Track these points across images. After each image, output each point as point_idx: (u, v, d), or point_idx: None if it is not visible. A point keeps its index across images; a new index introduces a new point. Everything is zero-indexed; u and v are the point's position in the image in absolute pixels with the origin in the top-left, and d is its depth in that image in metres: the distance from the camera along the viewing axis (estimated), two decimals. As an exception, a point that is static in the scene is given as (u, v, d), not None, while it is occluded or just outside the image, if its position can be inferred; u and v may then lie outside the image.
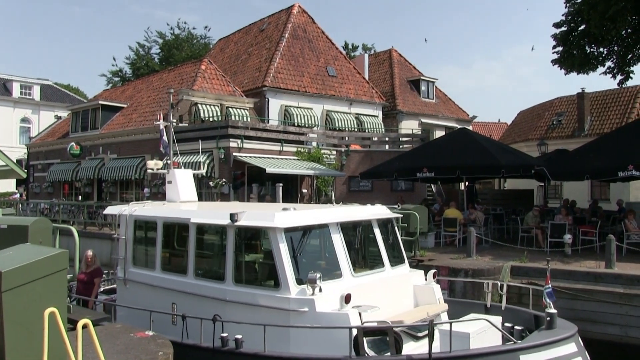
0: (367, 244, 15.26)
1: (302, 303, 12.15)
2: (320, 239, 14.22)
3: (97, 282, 17.88)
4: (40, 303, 6.98)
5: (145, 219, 16.53)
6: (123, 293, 16.49)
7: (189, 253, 14.57)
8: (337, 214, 14.11)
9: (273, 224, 12.68)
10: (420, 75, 59.85)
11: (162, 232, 15.65)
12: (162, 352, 8.81)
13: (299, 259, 13.19)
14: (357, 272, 13.69)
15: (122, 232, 16.61)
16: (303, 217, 13.62)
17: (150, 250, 16.29)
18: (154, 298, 15.14)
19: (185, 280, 14.50)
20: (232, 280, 13.39)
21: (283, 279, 12.46)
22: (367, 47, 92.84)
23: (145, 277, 15.74)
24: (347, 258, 13.51)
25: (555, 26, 32.00)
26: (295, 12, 52.74)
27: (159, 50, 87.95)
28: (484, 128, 73.57)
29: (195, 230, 14.58)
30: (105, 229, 36.35)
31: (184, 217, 15.21)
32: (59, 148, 51.14)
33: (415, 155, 30.55)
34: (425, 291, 14.95)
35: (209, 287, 13.85)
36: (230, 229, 13.46)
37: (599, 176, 26.33)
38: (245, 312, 12.79)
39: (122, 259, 16.47)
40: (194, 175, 19.01)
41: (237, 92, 43.61)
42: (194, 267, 14.50)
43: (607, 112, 46.38)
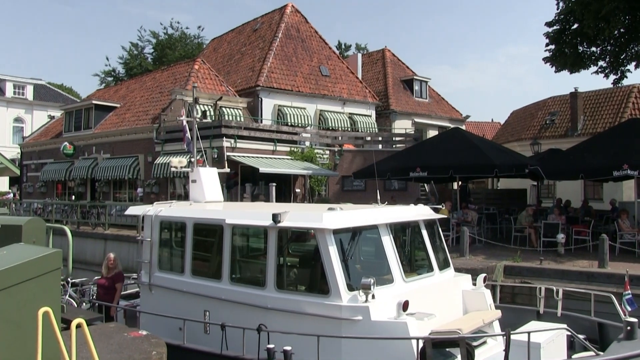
0: (415, 246, 14.42)
1: (356, 311, 11.18)
2: (368, 242, 13.23)
3: (119, 288, 17.31)
4: (34, 303, 6.97)
5: (172, 220, 15.68)
6: (148, 299, 15.60)
7: (224, 257, 13.53)
8: (385, 214, 13.15)
9: (321, 224, 11.73)
10: (414, 74, 59.97)
11: (192, 234, 14.59)
12: (156, 351, 8.80)
13: (348, 262, 12.15)
14: (407, 277, 12.69)
15: (147, 234, 15.71)
16: (352, 217, 12.58)
17: (179, 253, 15.38)
18: (183, 305, 14.25)
19: (219, 286, 13.48)
20: (273, 286, 12.36)
21: (333, 284, 11.50)
22: (361, 46, 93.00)
23: (173, 282, 14.78)
24: (397, 262, 12.53)
25: (548, 25, 32.05)
26: (289, 11, 52.81)
27: (152, 50, 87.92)
28: (477, 128, 73.72)
29: (231, 232, 13.58)
30: (98, 229, 36.36)
31: (218, 218, 14.16)
32: (52, 148, 51.06)
33: (409, 154, 30.53)
34: (476, 296, 14.14)
35: (247, 294, 12.82)
36: (272, 230, 12.46)
37: (594, 175, 26.35)
38: (289, 321, 11.82)
39: (146, 263, 15.55)
40: None
41: (230, 91, 43.60)
42: (229, 272, 13.48)
43: (600, 111, 46.41)
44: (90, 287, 19.64)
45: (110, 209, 37.89)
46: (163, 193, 38.02)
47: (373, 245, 13.13)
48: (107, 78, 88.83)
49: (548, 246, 23.01)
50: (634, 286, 17.20)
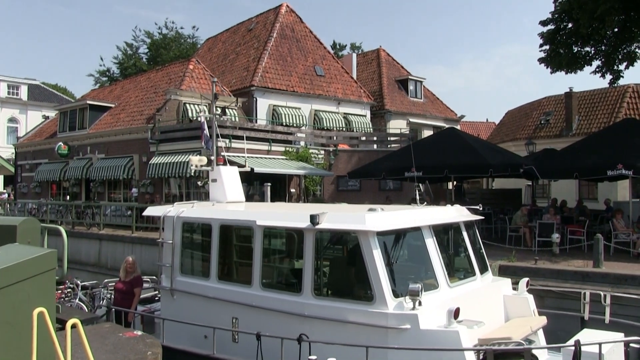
0: (456, 249, 13.61)
1: (403, 319, 10.55)
2: (411, 245, 12.49)
3: (138, 293, 16.67)
4: (28, 303, 6.96)
5: (196, 222, 15.03)
6: (169, 304, 14.94)
7: (255, 260, 12.83)
8: (428, 215, 12.59)
9: (364, 227, 11.06)
10: (408, 74, 60.01)
11: (218, 237, 13.91)
12: (151, 351, 8.80)
13: (393, 267, 11.41)
14: (452, 282, 12.07)
15: (168, 236, 15.05)
16: (396, 219, 11.94)
17: (203, 256, 14.75)
18: (209, 311, 13.62)
19: (250, 292, 12.78)
20: (310, 292, 11.70)
21: (378, 290, 10.82)
22: (355, 46, 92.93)
23: (198, 287, 14.11)
24: (442, 266, 11.87)
25: (542, 24, 32.07)
26: (284, 11, 52.83)
27: (147, 50, 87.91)
28: (472, 127, 73.89)
29: (262, 234, 12.90)
30: (93, 229, 36.33)
31: (248, 219, 13.43)
32: (47, 148, 50.98)
33: (403, 154, 30.54)
34: (518, 302, 13.48)
35: (281, 300, 12.15)
36: (310, 233, 11.79)
37: (588, 175, 26.40)
38: (329, 330, 11.22)
39: (168, 267, 14.91)
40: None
41: (225, 91, 43.56)
42: (260, 277, 12.75)
43: (594, 111, 46.55)
44: (101, 290, 19.21)
45: (105, 209, 37.87)
46: (158, 193, 38.00)
47: (415, 249, 12.45)
48: (101, 78, 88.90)
49: (543, 246, 23.06)
50: (630, 286, 17.29)
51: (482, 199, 37.06)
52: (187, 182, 36.69)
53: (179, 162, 34.95)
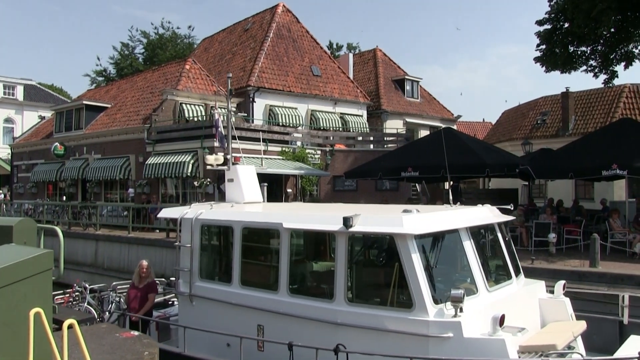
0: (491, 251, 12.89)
1: (446, 327, 9.87)
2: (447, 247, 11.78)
3: (152, 299, 15.95)
4: (25, 303, 6.95)
5: (216, 224, 14.29)
6: (188, 311, 14.16)
7: (282, 265, 12.09)
8: (464, 216, 11.92)
9: (402, 229, 10.37)
10: (405, 74, 60.10)
11: (241, 239, 13.12)
12: (148, 352, 8.78)
13: (432, 272, 10.81)
14: (490, 286, 11.42)
15: (186, 239, 14.25)
16: (434, 221, 11.22)
17: (224, 260, 14.21)
18: (231, 318, 12.90)
19: (276, 298, 12.05)
20: (344, 298, 11.01)
21: (417, 297, 10.16)
22: (352, 46, 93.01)
23: (219, 293, 13.34)
24: (480, 270, 11.21)
25: (538, 23, 32.07)
26: (280, 11, 52.84)
27: (143, 50, 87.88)
28: (469, 127, 73.85)
29: (289, 237, 12.13)
30: (90, 230, 36.32)
31: (273, 221, 12.62)
32: (43, 148, 50.99)
33: (400, 154, 30.58)
34: (555, 306, 12.71)
35: (311, 307, 11.45)
36: (342, 236, 11.09)
37: (583, 175, 26.46)
38: (364, 339, 10.56)
39: (186, 271, 14.08)
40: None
41: (221, 91, 43.54)
42: (287, 282, 12.00)
43: (591, 111, 46.56)
44: (109, 293, 18.69)
45: (102, 210, 37.85)
46: (154, 193, 38.01)
47: (453, 252, 11.81)
48: (97, 78, 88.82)
49: (539, 246, 23.08)
50: (625, 286, 17.29)
51: (478, 198, 37.08)
52: (184, 182, 36.72)
53: (175, 163, 34.98)
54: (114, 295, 18.51)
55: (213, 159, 17.06)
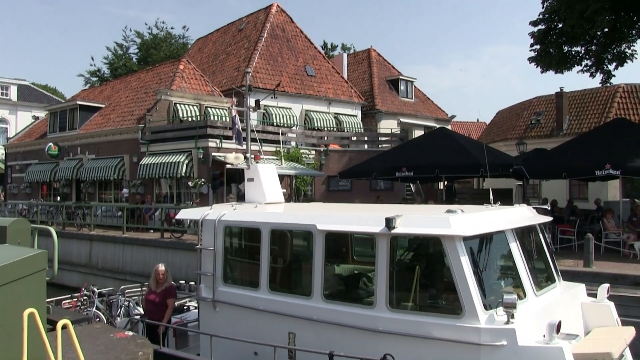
0: (535, 253, 12.11)
1: (498, 334, 9.23)
2: (494, 250, 11.00)
3: (171, 304, 15.15)
4: (19, 304, 6.94)
5: (242, 225, 13.57)
6: (210, 318, 13.46)
7: (315, 269, 11.42)
8: (508, 216, 11.37)
9: (449, 231, 9.74)
10: (399, 74, 60.13)
11: (269, 242, 12.46)
12: (142, 352, 8.78)
13: (481, 276, 10.12)
14: (537, 291, 10.76)
15: (208, 242, 13.56)
16: (482, 222, 10.55)
17: (250, 264, 13.42)
18: (259, 325, 12.31)
19: (309, 304, 11.37)
20: (385, 304, 10.31)
21: (467, 302, 9.52)
22: (346, 46, 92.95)
23: (245, 298, 12.63)
24: (528, 273, 10.58)
25: (533, 24, 32.12)
26: (274, 11, 52.85)
27: (137, 50, 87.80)
28: (463, 127, 73.98)
29: (324, 239, 11.45)
30: (84, 230, 36.28)
31: (306, 222, 11.96)
32: (37, 149, 50.87)
33: (394, 154, 30.59)
34: (599, 310, 12.04)
35: (349, 314, 10.77)
36: (383, 238, 10.43)
37: (577, 175, 26.51)
38: (408, 347, 9.95)
39: (208, 276, 13.40)
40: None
41: (215, 91, 43.53)
42: (321, 287, 11.30)
43: (585, 111, 46.64)
44: (118, 297, 18.28)
45: (96, 210, 37.79)
46: (149, 193, 37.97)
47: (499, 254, 11.19)
48: (91, 78, 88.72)
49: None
50: (620, 285, 17.31)
51: (473, 198, 37.16)
52: (178, 182, 36.69)
53: (169, 163, 34.95)
54: (123, 300, 18.15)
55: (234, 158, 16.79)
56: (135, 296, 18.78)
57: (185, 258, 27.62)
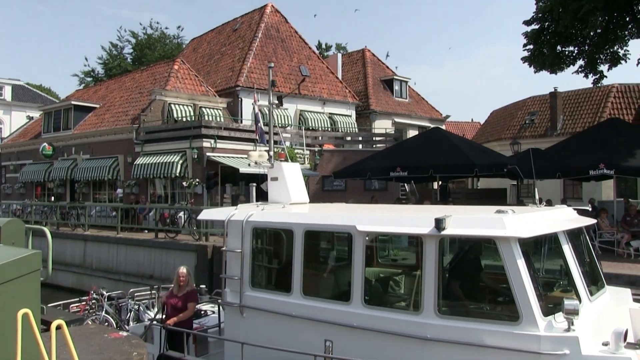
0: (584, 256, 11.12)
1: (560, 343, 8.57)
2: (547, 253, 10.48)
3: (192, 308, 14.31)
4: (13, 304, 6.92)
5: (272, 227, 12.78)
6: (237, 324, 12.67)
7: (354, 273, 10.69)
8: (559, 217, 10.75)
9: (505, 232, 9.09)
10: (394, 74, 60.14)
11: (302, 244, 11.68)
12: (137, 352, 8.77)
13: (537, 280, 9.63)
14: (591, 296, 10.05)
15: (235, 244, 12.78)
16: (535, 222, 9.82)
17: (281, 267, 12.76)
18: (291, 332, 11.57)
19: (348, 310, 10.64)
20: (433, 310, 9.60)
21: (525, 308, 8.84)
22: (341, 46, 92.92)
23: (276, 303, 11.90)
24: (581, 277, 9.87)
25: (526, 23, 32.15)
26: (268, 11, 52.79)
27: (132, 50, 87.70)
28: (457, 127, 73.96)
29: (364, 241, 10.75)
30: (78, 230, 36.23)
31: (345, 223, 11.29)
32: (31, 149, 50.87)
33: (389, 154, 30.59)
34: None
35: (394, 320, 10.06)
36: (432, 239, 9.76)
37: (571, 174, 26.55)
38: (459, 356, 9.34)
39: (236, 280, 12.58)
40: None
41: (210, 92, 43.54)
42: (362, 292, 10.58)
43: (579, 111, 46.72)
44: (128, 301, 17.85)
45: (90, 210, 37.76)
46: (143, 194, 37.96)
47: (551, 257, 10.54)
48: (86, 78, 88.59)
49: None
50: (614, 285, 17.32)
51: (467, 198, 37.22)
52: (172, 182, 36.69)
53: (164, 163, 34.95)
54: (132, 303, 17.79)
55: (257, 156, 15.14)
56: (145, 299, 18.33)
57: (179, 258, 27.58)
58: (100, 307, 17.66)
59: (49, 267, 10.73)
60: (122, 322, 17.31)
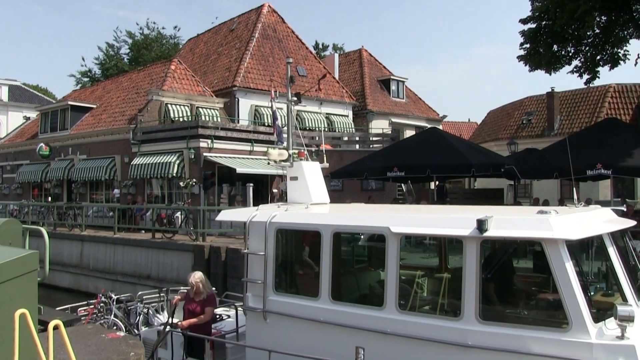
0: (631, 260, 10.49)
1: (615, 351, 8.07)
2: (592, 255, 10.09)
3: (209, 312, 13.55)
4: (10, 304, 6.91)
5: (297, 228, 12.16)
6: (260, 330, 12.13)
7: (388, 276, 10.16)
8: (602, 218, 10.24)
9: (552, 234, 8.57)
10: (390, 74, 60.17)
11: (331, 247, 11.08)
12: (134, 352, 8.75)
13: (586, 284, 9.14)
14: (638, 300, 9.17)
15: (257, 246, 12.24)
16: (581, 224, 9.30)
17: (308, 271, 12.22)
18: (319, 338, 11.02)
19: (381, 315, 10.07)
20: (475, 315, 9.06)
21: (574, 313, 8.36)
22: (338, 46, 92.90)
23: (302, 308, 11.32)
24: (627, 281, 9.13)
25: (523, 22, 32.11)
26: (265, 11, 52.78)
27: (129, 50, 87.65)
28: (454, 127, 74.03)
29: (399, 243, 10.20)
30: (75, 230, 36.22)
31: (376, 225, 10.84)
32: (28, 149, 50.82)
33: (386, 154, 30.55)
34: None
35: (432, 327, 9.50)
36: (473, 242, 9.24)
37: (568, 174, 26.52)
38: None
39: (259, 284, 12.01)
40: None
41: (207, 92, 43.53)
42: (396, 297, 10.03)
43: (576, 111, 46.78)
44: (137, 305, 17.35)
45: (87, 210, 37.75)
46: (140, 194, 37.96)
47: (595, 260, 10.13)
48: (83, 79, 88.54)
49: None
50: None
51: (464, 198, 37.21)
52: (169, 182, 36.69)
53: (161, 163, 34.95)
54: (141, 307, 17.27)
55: (277, 154, 14.35)
56: (154, 302, 17.83)
57: (176, 258, 27.63)
58: (109, 311, 17.23)
59: (46, 267, 10.71)
60: (131, 325, 16.88)
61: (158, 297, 18.10)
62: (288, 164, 14.30)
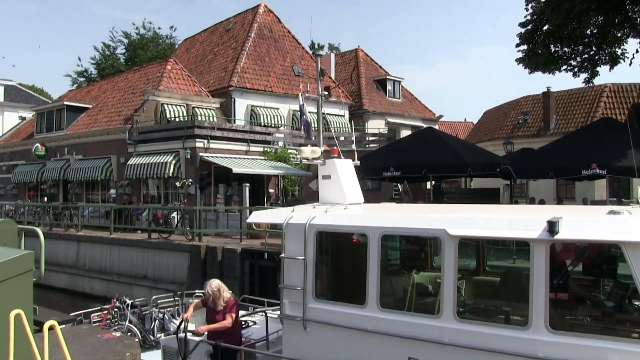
0: None
1: None
2: None
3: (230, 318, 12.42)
4: (5, 305, 6.90)
5: (340, 231, 11.31)
6: (299, 340, 11.20)
7: (445, 283, 9.34)
8: None
9: (632, 236, 7.83)
10: (387, 74, 60.12)
11: (379, 251, 10.18)
12: (130, 352, 8.75)
13: None
14: None
15: (295, 250, 11.32)
16: None
17: (353, 277, 11.45)
18: (367, 349, 10.15)
19: (437, 324, 9.28)
20: (545, 325, 8.29)
21: None
22: (334, 46, 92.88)
23: (347, 317, 10.39)
24: None
25: (521, 25, 32.16)
26: (261, 11, 52.73)
27: (125, 50, 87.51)
28: (450, 127, 74.01)
29: (456, 247, 9.33)
30: (71, 230, 36.17)
31: (430, 227, 9.88)
32: (24, 149, 50.72)
33: (382, 154, 30.55)
34: None
35: (494, 337, 8.73)
36: (541, 245, 8.45)
37: (563, 174, 26.54)
38: None
39: (299, 290, 11.09)
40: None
41: (203, 92, 43.49)
42: (454, 304, 9.22)
43: (572, 111, 46.84)
44: (152, 310, 16.79)
45: (83, 211, 37.70)
46: (136, 194, 37.92)
47: None
48: (79, 79, 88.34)
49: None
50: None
51: (460, 198, 37.22)
52: (166, 183, 36.65)
53: (157, 163, 34.89)
54: (157, 312, 16.76)
55: (309, 152, 13.36)
56: (169, 307, 17.10)
57: (172, 258, 27.60)
58: (123, 317, 16.60)
59: (41, 267, 10.68)
60: (146, 332, 16.40)
61: (173, 302, 17.35)
62: (320, 161, 13.38)
